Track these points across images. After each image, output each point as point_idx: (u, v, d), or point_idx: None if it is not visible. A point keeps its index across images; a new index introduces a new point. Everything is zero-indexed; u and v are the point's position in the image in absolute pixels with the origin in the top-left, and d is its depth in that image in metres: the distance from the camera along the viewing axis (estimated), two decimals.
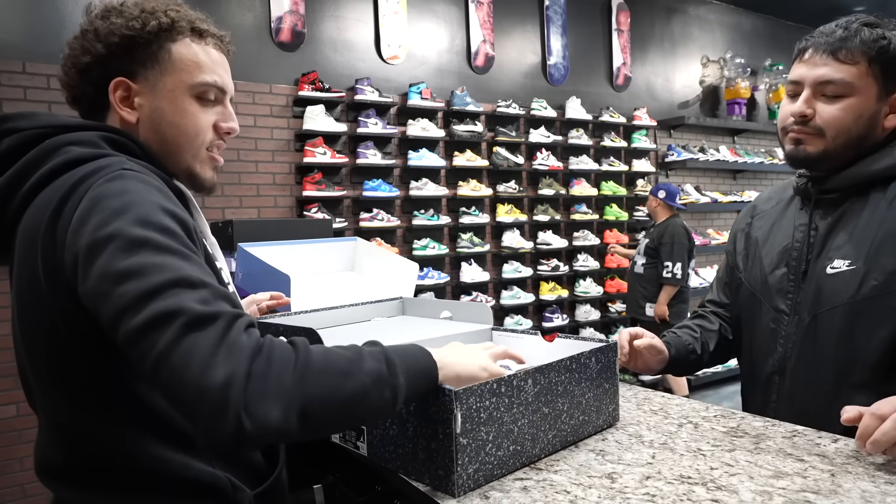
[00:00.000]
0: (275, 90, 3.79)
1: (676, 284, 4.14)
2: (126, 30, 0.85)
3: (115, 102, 0.86)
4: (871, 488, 0.78)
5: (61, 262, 0.72)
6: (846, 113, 1.08)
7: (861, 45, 1.06)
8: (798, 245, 1.18)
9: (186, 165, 0.90)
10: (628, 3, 5.40)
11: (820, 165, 1.14)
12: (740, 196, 5.98)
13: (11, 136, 0.81)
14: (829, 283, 1.10)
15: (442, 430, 0.80)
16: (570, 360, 0.94)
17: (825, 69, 1.09)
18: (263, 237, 2.34)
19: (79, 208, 0.71)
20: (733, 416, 1.08)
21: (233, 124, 0.93)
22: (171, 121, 0.87)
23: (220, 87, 0.91)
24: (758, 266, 1.26)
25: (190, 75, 0.88)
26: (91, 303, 0.70)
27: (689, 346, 1.33)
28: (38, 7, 3.15)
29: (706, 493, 0.78)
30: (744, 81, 6.10)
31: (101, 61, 0.86)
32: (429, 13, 4.41)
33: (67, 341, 0.75)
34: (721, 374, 5.35)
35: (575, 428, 0.96)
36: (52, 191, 0.76)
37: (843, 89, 1.07)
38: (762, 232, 1.29)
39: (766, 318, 1.23)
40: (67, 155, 0.77)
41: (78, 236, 0.70)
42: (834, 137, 1.09)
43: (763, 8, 6.41)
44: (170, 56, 0.87)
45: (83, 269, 0.69)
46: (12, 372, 2.96)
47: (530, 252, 4.73)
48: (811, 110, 1.10)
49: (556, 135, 4.85)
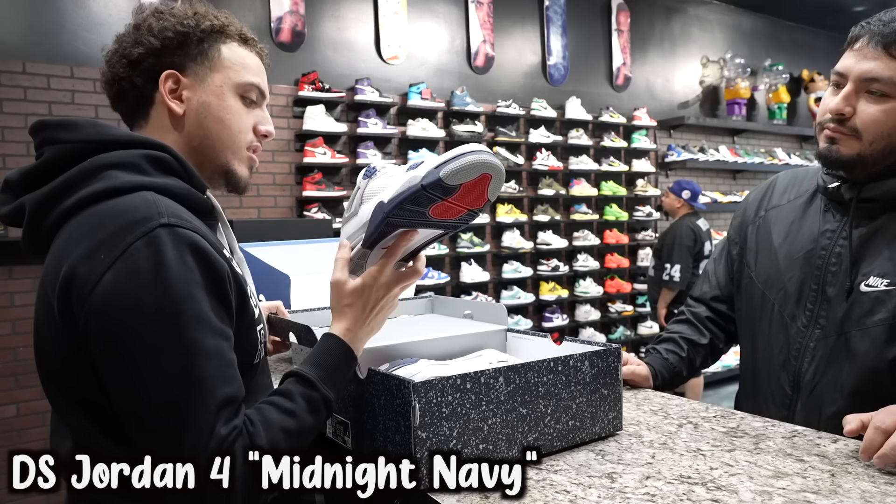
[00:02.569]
0: (275, 90, 3.78)
1: (674, 288, 4.05)
2: (181, 26, 0.89)
3: (164, 93, 0.89)
4: (871, 488, 0.78)
5: (78, 317, 0.75)
6: (889, 116, 0.96)
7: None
8: (824, 254, 1.09)
9: (225, 160, 0.93)
10: (628, 3, 5.40)
11: (853, 170, 1.04)
12: (740, 196, 5.97)
13: (52, 147, 0.82)
14: (862, 302, 1.02)
15: (403, 423, 0.80)
16: (555, 361, 0.91)
17: (874, 64, 0.95)
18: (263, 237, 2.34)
19: (103, 280, 0.72)
20: (733, 416, 1.08)
21: (270, 128, 0.98)
22: (217, 115, 0.91)
23: (261, 90, 0.96)
24: (773, 267, 1.17)
25: (237, 74, 0.92)
26: (104, 369, 0.75)
27: (674, 369, 1.30)
28: (38, 7, 3.15)
29: (706, 493, 0.78)
30: (744, 81, 6.10)
31: (155, 53, 0.88)
32: (429, 13, 4.41)
33: (81, 370, 0.78)
34: (721, 374, 5.35)
35: (563, 433, 0.93)
36: (85, 225, 0.77)
37: (891, 89, 0.95)
38: (778, 229, 1.18)
39: (775, 324, 1.17)
40: (107, 182, 0.78)
41: (101, 314, 0.73)
42: (871, 142, 0.98)
43: (763, 8, 6.41)
44: (219, 55, 0.91)
45: (103, 349, 0.74)
46: (12, 372, 2.98)
47: (530, 252, 4.73)
48: (850, 108, 0.99)
49: (556, 135, 4.85)
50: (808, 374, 1.11)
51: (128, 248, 0.73)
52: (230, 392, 0.75)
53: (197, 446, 0.71)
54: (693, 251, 4.05)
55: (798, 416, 1.13)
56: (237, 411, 0.75)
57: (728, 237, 1.35)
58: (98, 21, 3.31)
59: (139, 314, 0.72)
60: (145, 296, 0.72)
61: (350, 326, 0.88)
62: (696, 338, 1.34)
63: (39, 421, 3.07)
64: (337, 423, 1.00)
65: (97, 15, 3.31)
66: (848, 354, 1.06)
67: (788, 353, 1.15)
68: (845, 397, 1.06)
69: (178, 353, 0.72)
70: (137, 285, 0.72)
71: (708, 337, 1.33)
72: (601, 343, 1.01)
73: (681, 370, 1.30)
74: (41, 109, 3.11)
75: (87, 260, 0.74)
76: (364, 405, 0.91)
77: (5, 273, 3.05)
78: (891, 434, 0.81)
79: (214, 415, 0.72)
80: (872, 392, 1.03)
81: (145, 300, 0.72)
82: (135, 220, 0.75)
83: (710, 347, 1.34)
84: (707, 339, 1.33)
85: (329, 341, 0.88)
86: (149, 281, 0.72)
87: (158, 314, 0.72)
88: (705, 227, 4.20)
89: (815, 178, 1.19)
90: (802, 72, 6.87)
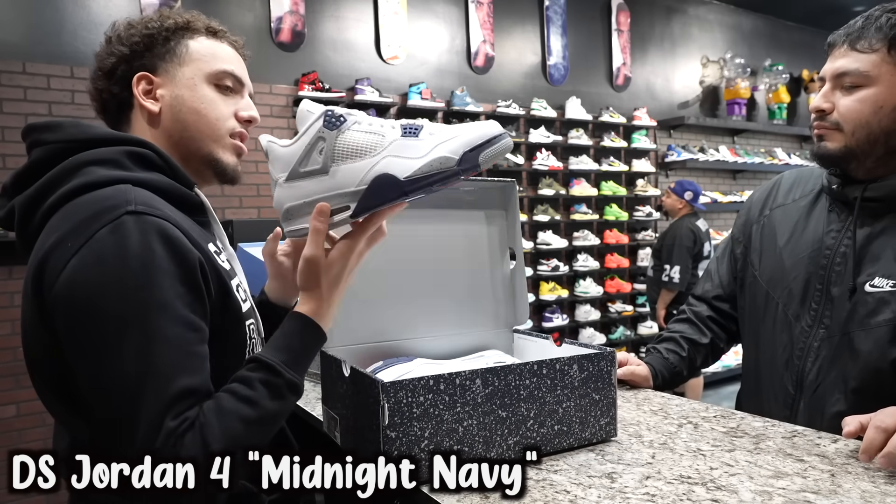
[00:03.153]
0: (275, 90, 3.79)
1: (673, 289, 4.03)
2: (146, 30, 0.92)
3: (138, 95, 0.91)
4: (871, 488, 0.78)
5: (47, 307, 0.75)
6: (863, 104, 1.02)
7: (877, 31, 1.00)
8: (828, 253, 1.10)
9: (208, 150, 0.94)
10: (628, 3, 5.40)
11: (847, 164, 1.07)
12: (740, 196, 5.97)
13: (39, 149, 0.84)
14: (866, 302, 1.03)
15: (374, 421, 0.80)
16: (539, 364, 0.89)
17: (843, 60, 1.04)
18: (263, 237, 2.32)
19: (68, 266, 0.73)
20: (733, 416, 1.08)
21: (253, 113, 0.98)
22: (192, 106, 0.92)
23: (236, 77, 0.96)
24: (778, 267, 1.18)
25: (207, 64, 0.93)
26: (70, 357, 0.74)
27: (675, 368, 1.29)
28: (38, 7, 3.15)
29: (706, 493, 0.78)
30: (743, 81, 6.11)
31: (126, 60, 0.92)
32: (429, 13, 4.41)
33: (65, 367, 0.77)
34: (721, 374, 5.35)
35: (548, 437, 0.90)
36: (60, 218, 0.78)
37: (860, 79, 1.02)
38: (783, 229, 1.20)
39: (779, 323, 1.17)
40: (86, 177, 0.80)
41: (65, 300, 0.73)
42: (853, 132, 1.03)
43: (763, 8, 6.41)
44: (187, 49, 0.93)
45: (66, 336, 0.74)
46: (12, 372, 2.98)
47: (530, 252, 4.73)
48: (829, 104, 1.06)
49: (556, 135, 4.85)
50: (812, 373, 1.11)
51: (93, 235, 0.73)
52: (189, 383, 0.71)
53: (146, 440, 0.68)
54: (692, 252, 4.03)
55: (801, 416, 1.12)
56: (193, 404, 0.71)
57: (732, 236, 1.36)
58: (98, 21, 3.31)
59: (100, 300, 0.71)
60: (107, 281, 0.72)
61: (319, 304, 0.83)
62: (697, 337, 1.33)
63: (39, 421, 3.07)
64: (329, 417, 1.01)
65: (97, 15, 3.31)
66: (851, 354, 1.06)
67: (792, 352, 1.15)
68: (848, 397, 1.06)
69: (136, 341, 0.71)
70: (100, 271, 0.72)
71: (709, 336, 1.33)
72: (595, 346, 0.99)
73: (681, 370, 1.30)
74: (41, 109, 3.11)
75: (55, 249, 0.74)
76: (349, 402, 0.91)
77: (5, 273, 3.06)
78: (892, 433, 0.81)
79: (166, 406, 0.69)
80: (875, 392, 1.03)
81: (107, 286, 0.72)
82: (103, 209, 0.75)
83: (710, 347, 1.34)
84: (708, 338, 1.33)
85: (296, 323, 0.82)
86: (111, 267, 0.72)
87: (119, 300, 0.71)
88: (704, 228, 4.20)
89: (819, 178, 1.20)
90: (802, 72, 6.87)
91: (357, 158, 0.78)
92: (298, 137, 0.80)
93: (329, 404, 1.00)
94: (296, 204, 0.81)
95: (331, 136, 0.79)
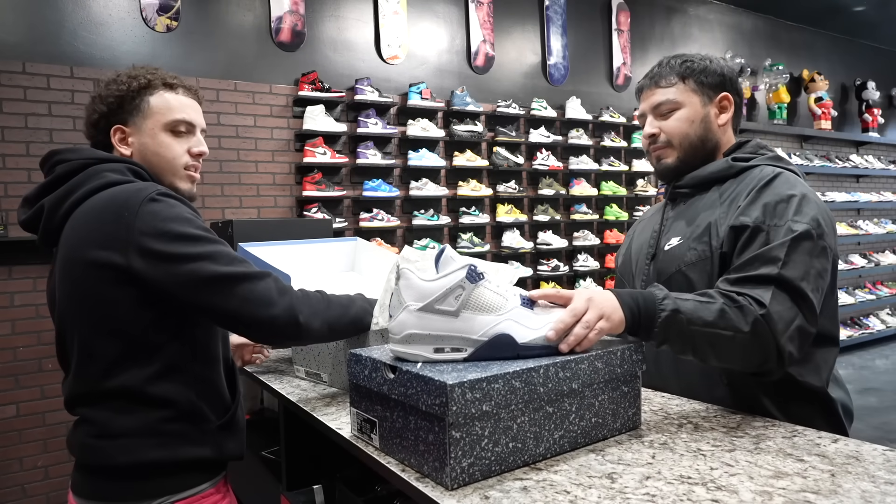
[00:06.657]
0: (275, 90, 3.79)
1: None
2: (118, 91, 1.19)
3: (115, 143, 1.20)
4: (871, 488, 0.78)
5: (124, 251, 1.04)
6: (681, 122, 1.31)
7: (671, 69, 1.33)
8: (654, 233, 1.39)
9: (169, 181, 1.21)
10: (628, 3, 5.41)
11: (682, 173, 1.34)
12: None
13: (63, 164, 1.14)
14: (665, 256, 1.30)
15: (437, 423, 0.81)
16: (577, 360, 0.92)
17: (655, 96, 1.34)
18: (263, 237, 2.34)
19: (137, 218, 1.04)
20: (733, 416, 1.09)
21: (202, 148, 1.24)
22: (154, 151, 1.20)
23: (188, 122, 1.22)
24: (627, 257, 1.47)
25: (163, 116, 1.20)
26: (161, 276, 1.04)
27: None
28: (38, 7, 3.16)
29: (706, 493, 0.78)
30: (744, 81, 6.10)
31: (105, 115, 1.20)
32: (429, 13, 4.41)
33: (114, 299, 1.06)
34: None
35: (586, 430, 0.95)
36: (95, 208, 1.07)
37: (672, 105, 1.32)
38: (636, 233, 1.51)
39: None
40: (104, 178, 1.11)
41: (146, 237, 1.03)
42: (680, 144, 1.32)
43: (763, 8, 6.41)
44: (148, 105, 1.19)
45: (157, 258, 1.03)
46: (12, 372, 2.98)
47: (530, 252, 4.74)
48: (656, 129, 1.34)
49: (556, 135, 4.85)
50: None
51: (141, 204, 1.05)
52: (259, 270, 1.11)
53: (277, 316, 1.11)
54: None
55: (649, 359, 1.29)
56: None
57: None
58: (98, 21, 3.31)
59: (172, 232, 1.04)
60: (176, 215, 1.07)
61: None
62: None
63: (39, 421, 3.07)
64: (363, 420, 1.00)
65: (97, 15, 3.31)
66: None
67: None
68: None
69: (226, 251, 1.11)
70: (164, 217, 1.05)
71: None
72: (621, 338, 1.03)
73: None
74: (41, 109, 3.11)
75: (120, 212, 1.04)
76: (393, 403, 0.91)
77: (5, 273, 3.06)
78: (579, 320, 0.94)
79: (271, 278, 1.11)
80: None
81: (177, 219, 1.06)
82: (135, 190, 1.08)
83: None
84: None
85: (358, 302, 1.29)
86: (173, 213, 1.07)
87: (184, 226, 1.06)
88: None
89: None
90: (802, 72, 6.88)
91: (485, 313, 0.92)
92: (440, 278, 0.92)
93: (362, 407, 1.00)
94: (420, 333, 0.91)
95: (469, 288, 0.91)
